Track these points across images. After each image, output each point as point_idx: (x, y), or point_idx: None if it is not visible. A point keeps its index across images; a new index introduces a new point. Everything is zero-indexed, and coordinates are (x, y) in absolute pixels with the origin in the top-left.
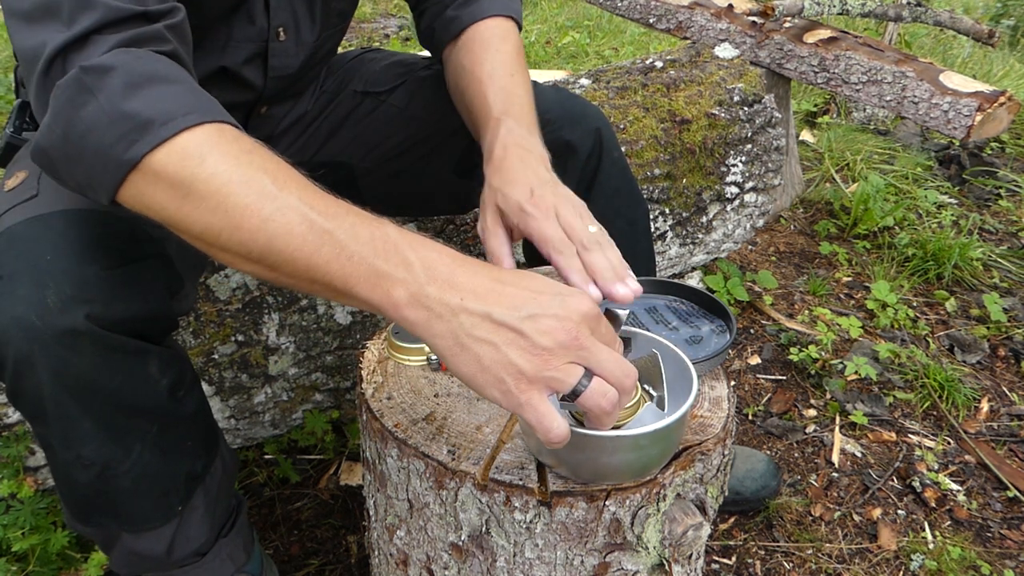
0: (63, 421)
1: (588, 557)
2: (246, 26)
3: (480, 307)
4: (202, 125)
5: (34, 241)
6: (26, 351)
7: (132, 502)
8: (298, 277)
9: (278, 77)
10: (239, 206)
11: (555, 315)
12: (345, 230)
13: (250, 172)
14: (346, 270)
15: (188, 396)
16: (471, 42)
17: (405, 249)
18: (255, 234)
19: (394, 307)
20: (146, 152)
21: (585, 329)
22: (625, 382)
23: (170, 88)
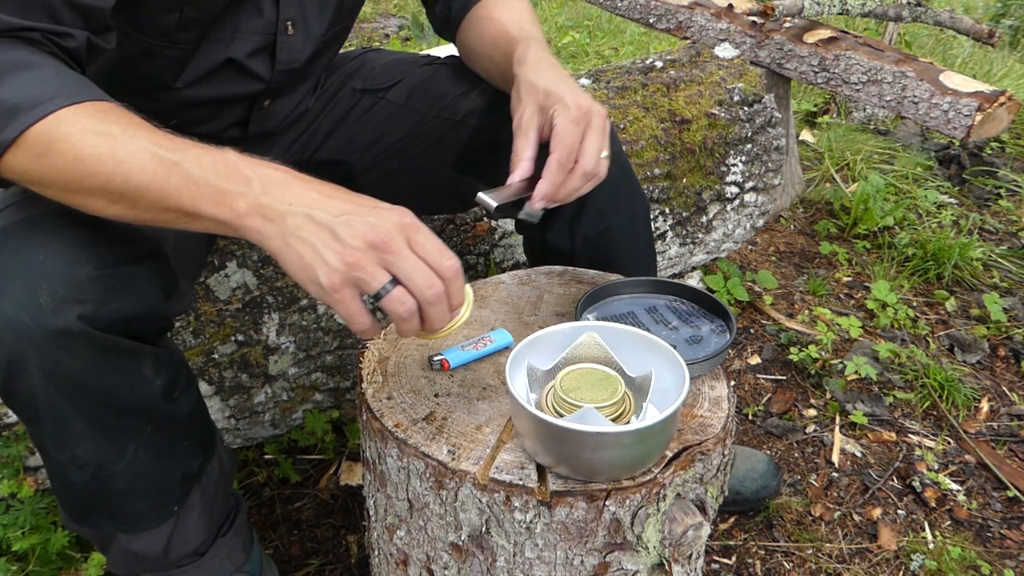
0: (57, 422)
1: (588, 557)
2: (255, 18)
3: (303, 210)
4: (69, 106)
5: (26, 241)
6: (19, 352)
7: (127, 502)
8: (154, 208)
9: (284, 71)
10: (94, 154)
11: (368, 220)
12: (190, 160)
13: (102, 126)
14: (193, 193)
15: (183, 396)
16: (488, 4)
17: (245, 169)
18: (112, 176)
19: (236, 217)
20: (16, 136)
21: (398, 237)
22: (427, 292)
23: (35, 73)
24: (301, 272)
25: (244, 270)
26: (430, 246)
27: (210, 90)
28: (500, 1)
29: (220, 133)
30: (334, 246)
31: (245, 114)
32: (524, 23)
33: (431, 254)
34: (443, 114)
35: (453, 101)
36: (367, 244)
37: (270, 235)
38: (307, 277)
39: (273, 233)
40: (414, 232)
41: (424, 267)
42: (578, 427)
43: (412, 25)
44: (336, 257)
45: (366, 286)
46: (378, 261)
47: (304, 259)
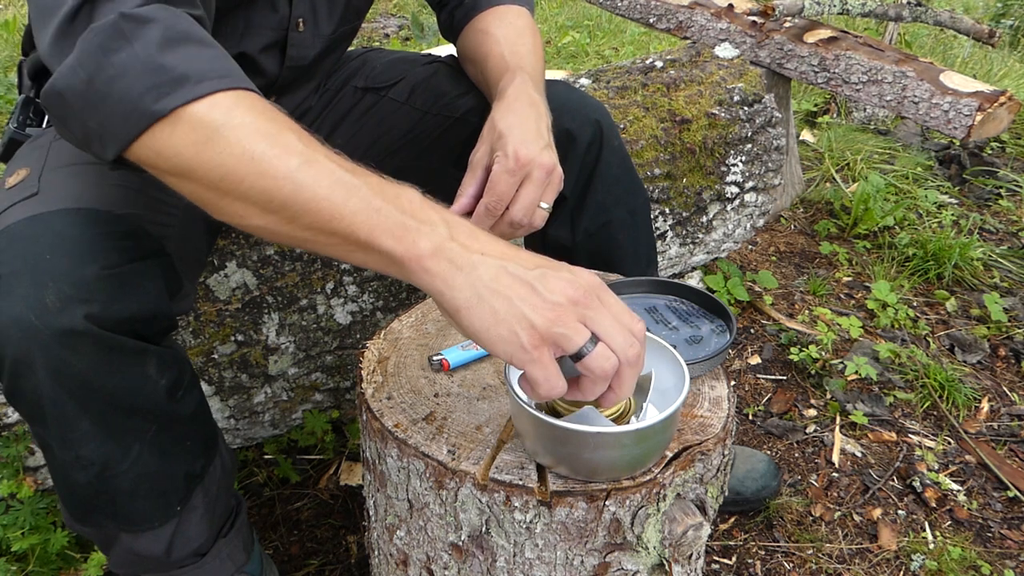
0: (61, 421)
1: (588, 557)
2: (268, 14)
3: (496, 262)
4: (235, 90)
5: (33, 240)
6: (25, 351)
7: (131, 502)
8: (316, 229)
9: (293, 67)
10: (267, 155)
11: (565, 276)
12: (372, 186)
13: (278, 127)
14: (372, 221)
15: (187, 396)
16: (488, 15)
17: (429, 209)
18: (281, 182)
19: (417, 258)
20: (177, 106)
21: (594, 295)
22: (628, 352)
23: (206, 51)
24: (494, 328)
25: (244, 270)
26: (620, 307)
27: None
28: (500, 16)
29: None
30: (534, 300)
31: None
32: (519, 47)
33: (623, 315)
34: (444, 112)
35: (454, 99)
36: (568, 299)
37: (458, 285)
38: (499, 335)
39: (462, 283)
40: (604, 292)
41: (621, 327)
42: (578, 427)
43: (412, 25)
44: (537, 313)
45: (568, 343)
46: (579, 317)
47: (499, 315)
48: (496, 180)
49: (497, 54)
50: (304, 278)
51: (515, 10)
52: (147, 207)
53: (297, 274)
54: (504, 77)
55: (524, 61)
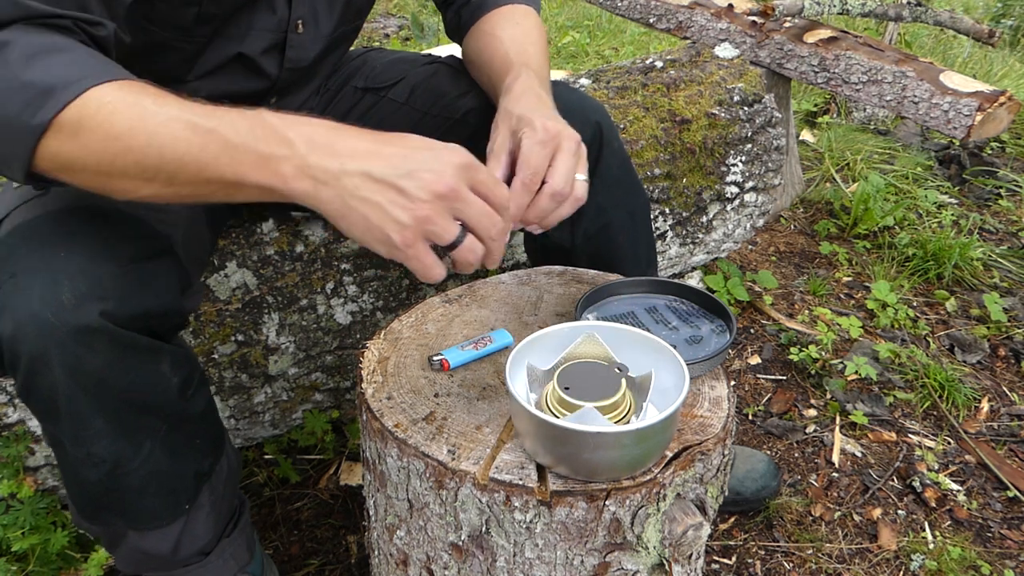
0: (75, 418)
1: (588, 557)
2: (267, 16)
3: (359, 167)
4: (100, 85)
5: (47, 238)
6: (41, 348)
7: (140, 500)
8: (193, 182)
9: (292, 69)
10: (126, 129)
11: (431, 169)
12: (226, 125)
13: (131, 98)
14: (234, 161)
15: (197, 395)
16: (494, 15)
17: (284, 129)
18: (146, 150)
19: (283, 182)
20: (52, 116)
21: (461, 180)
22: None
23: (66, 55)
24: (368, 233)
25: (244, 270)
26: (488, 181)
27: (218, 86)
28: (507, 17)
29: None
30: (401, 202)
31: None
32: (527, 45)
33: (491, 191)
34: (444, 113)
35: (454, 100)
36: (434, 195)
37: (326, 199)
38: (376, 238)
39: (329, 196)
40: (473, 172)
41: (487, 209)
42: (578, 427)
43: (412, 25)
44: (406, 213)
45: (438, 238)
46: (447, 210)
47: (371, 220)
48: (529, 153)
49: (502, 54)
50: (304, 278)
51: (522, 9)
52: (152, 207)
53: (297, 274)
54: (510, 74)
55: (530, 59)
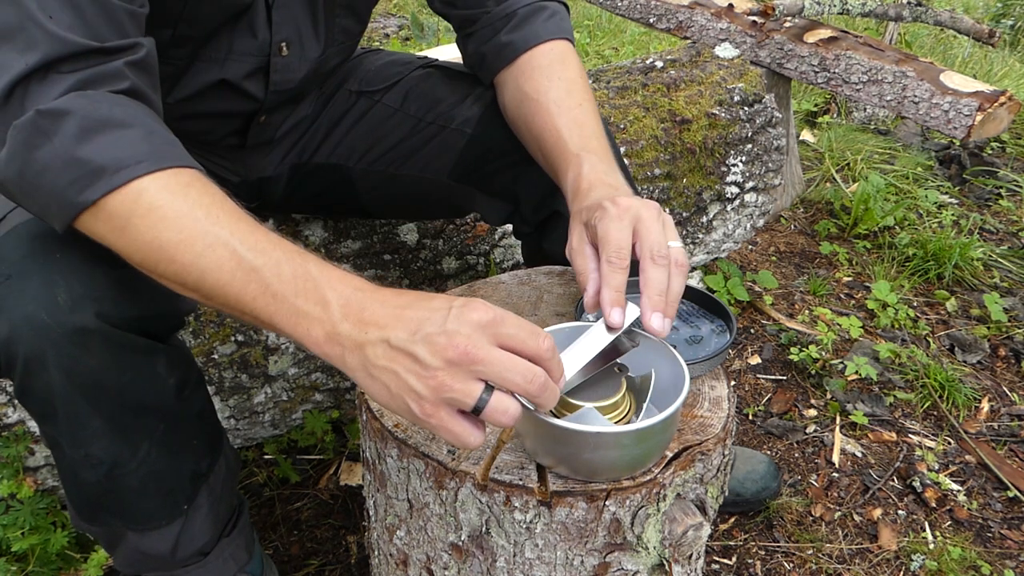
0: (72, 419)
1: (588, 557)
2: (248, 39)
3: (380, 335)
4: (153, 173)
5: (42, 240)
6: (37, 350)
7: (139, 501)
8: (229, 308)
9: (277, 91)
10: (172, 241)
11: (445, 331)
12: (270, 268)
13: (185, 207)
14: (270, 309)
15: (194, 395)
16: (531, 68)
17: (324, 287)
18: (188, 268)
19: (315, 344)
20: (97, 198)
21: (480, 339)
22: (530, 388)
23: (124, 134)
24: (391, 404)
25: None
26: (519, 333)
27: (204, 106)
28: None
29: (219, 141)
30: (416, 370)
31: (242, 128)
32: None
33: (524, 343)
34: (438, 121)
35: (448, 108)
36: (447, 362)
37: (353, 367)
38: (399, 407)
39: (355, 365)
40: (497, 326)
41: (519, 362)
42: (578, 427)
43: (412, 25)
44: (420, 382)
45: (461, 405)
46: (466, 375)
47: (391, 390)
48: (606, 233)
49: (555, 135)
50: None
51: (559, 52)
52: None
53: None
54: (571, 167)
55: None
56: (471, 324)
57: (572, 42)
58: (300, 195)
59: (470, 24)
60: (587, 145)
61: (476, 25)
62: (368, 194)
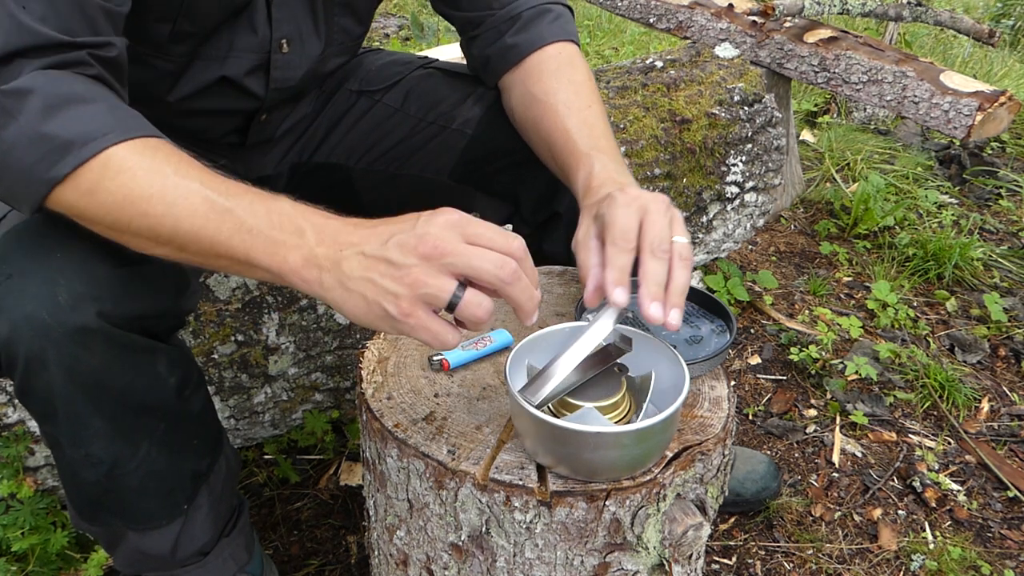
0: (73, 419)
1: (588, 557)
2: (248, 36)
3: (355, 250)
4: (121, 143)
5: (42, 239)
6: (38, 349)
7: (139, 500)
8: (205, 254)
9: (279, 88)
10: (144, 195)
11: (415, 233)
12: (243, 207)
13: (154, 164)
14: (247, 243)
15: (195, 395)
16: (538, 71)
17: (298, 218)
18: (162, 219)
19: (292, 271)
20: (67, 172)
21: (451, 236)
22: (501, 273)
23: (88, 108)
24: (369, 312)
25: None
26: (489, 232)
27: (204, 104)
28: (554, 73)
29: (219, 140)
30: (391, 272)
31: (242, 126)
32: (589, 116)
33: (493, 240)
34: (439, 121)
35: (449, 108)
36: (420, 257)
37: (330, 285)
38: (375, 314)
39: (332, 284)
40: (466, 226)
41: (488, 252)
42: (578, 427)
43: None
44: (396, 283)
45: (436, 301)
46: (439, 269)
47: (367, 298)
48: (612, 219)
49: (564, 135)
50: None
51: (567, 58)
52: None
53: None
54: (581, 167)
55: (598, 138)
56: (440, 224)
57: (578, 44)
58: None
59: (474, 27)
60: (597, 145)
61: (480, 28)
62: (368, 194)
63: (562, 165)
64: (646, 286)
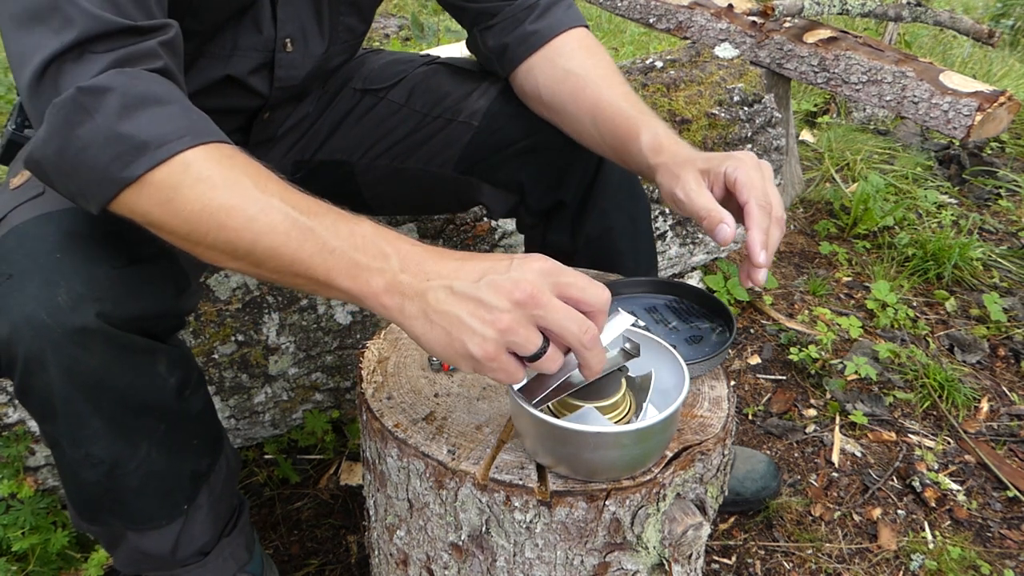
0: (72, 419)
1: (588, 557)
2: (253, 35)
3: (443, 283)
4: (196, 147)
5: (43, 239)
6: (37, 349)
7: (139, 501)
8: (282, 272)
9: (283, 87)
10: (224, 207)
11: (509, 277)
12: (326, 227)
13: (233, 176)
14: (328, 264)
15: (195, 395)
16: (568, 49)
17: (381, 243)
18: (241, 232)
19: (373, 295)
20: (141, 173)
21: (543, 285)
22: (583, 339)
23: (164, 110)
24: (450, 348)
25: None
26: (579, 283)
27: (208, 102)
28: (586, 51)
29: None
30: (481, 314)
31: (246, 124)
32: (627, 90)
33: (583, 292)
34: (444, 115)
35: (454, 102)
36: (514, 303)
37: (412, 314)
38: (457, 352)
39: (415, 312)
40: (558, 275)
41: (575, 314)
42: (578, 427)
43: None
44: (485, 326)
45: (521, 349)
46: (529, 320)
47: (451, 334)
48: (749, 180)
49: (609, 100)
50: None
51: (592, 41)
52: None
53: None
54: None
55: (643, 106)
56: (534, 271)
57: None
58: None
59: (488, 18)
60: (647, 111)
61: (496, 18)
62: (371, 189)
63: (611, 132)
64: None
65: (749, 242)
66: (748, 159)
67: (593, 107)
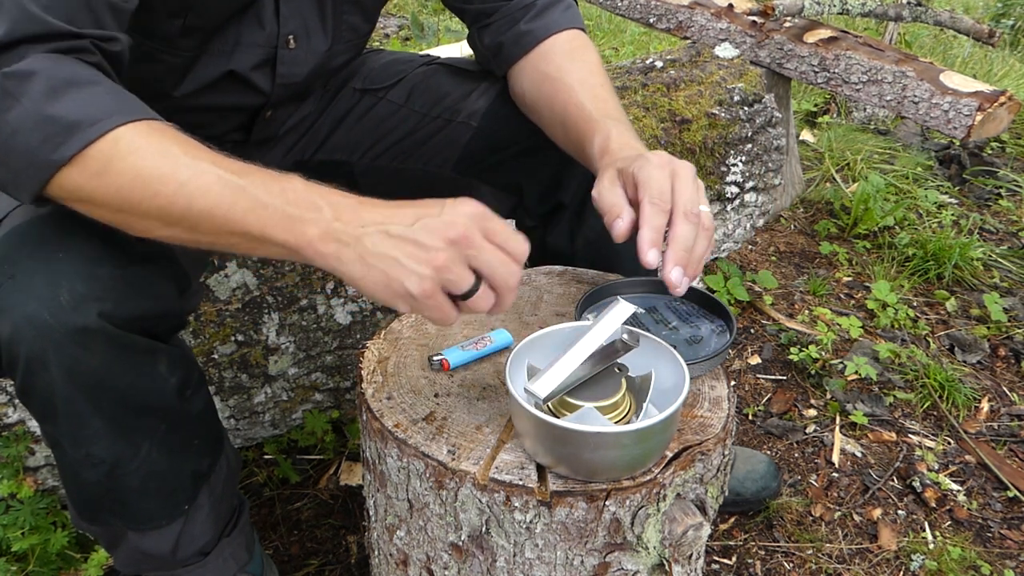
0: (73, 419)
1: (588, 557)
2: (256, 31)
3: (378, 228)
4: (127, 124)
5: (45, 239)
6: (39, 349)
7: (139, 501)
8: (217, 232)
9: (285, 84)
10: (156, 175)
11: (442, 220)
12: (257, 185)
13: (163, 145)
14: (262, 219)
15: (195, 395)
16: (552, 53)
17: (313, 196)
18: (173, 198)
19: (308, 244)
20: (74, 153)
21: (473, 228)
22: (510, 280)
23: (91, 90)
24: (388, 288)
25: (244, 270)
26: (503, 230)
27: (210, 100)
28: (568, 55)
29: (222, 137)
30: (418, 254)
31: (247, 123)
32: (599, 90)
33: (507, 241)
34: (444, 115)
35: (454, 102)
36: (448, 242)
37: (348, 259)
38: (395, 292)
39: (351, 257)
40: (487, 221)
41: (503, 256)
42: (578, 427)
43: (412, 25)
44: (422, 264)
45: (455, 287)
46: (462, 258)
47: (389, 275)
48: (648, 178)
49: (579, 109)
50: (304, 278)
51: (580, 43)
52: None
53: (297, 274)
54: (597, 135)
55: (611, 110)
56: (466, 215)
57: (587, 33)
58: None
59: (486, 17)
60: (610, 115)
61: (493, 17)
62: (370, 190)
63: (575, 135)
64: (674, 250)
65: (638, 241)
66: (655, 158)
67: (563, 111)
